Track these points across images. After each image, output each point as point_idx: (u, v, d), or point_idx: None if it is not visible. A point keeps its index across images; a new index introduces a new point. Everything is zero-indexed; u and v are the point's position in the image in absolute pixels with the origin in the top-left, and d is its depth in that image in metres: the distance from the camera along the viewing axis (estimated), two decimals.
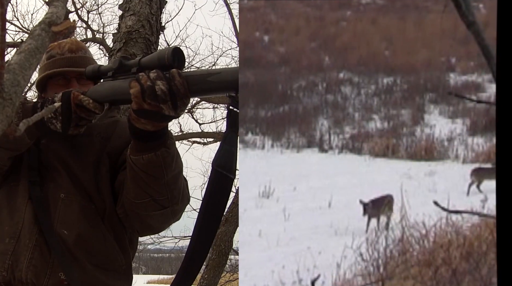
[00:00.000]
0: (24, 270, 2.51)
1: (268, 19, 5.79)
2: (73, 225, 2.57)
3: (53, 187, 2.63)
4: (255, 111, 5.06)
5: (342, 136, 4.79)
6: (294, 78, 5.35)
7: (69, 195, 2.61)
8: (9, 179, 2.67)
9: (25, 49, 1.27)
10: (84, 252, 2.56)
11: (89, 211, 2.62)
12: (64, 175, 2.64)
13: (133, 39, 4.77)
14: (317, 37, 5.72)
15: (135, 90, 2.21)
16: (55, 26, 1.35)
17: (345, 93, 5.29)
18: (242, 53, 5.60)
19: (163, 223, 2.68)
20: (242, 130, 4.83)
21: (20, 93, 1.19)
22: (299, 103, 5.17)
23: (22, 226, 2.55)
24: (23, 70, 1.22)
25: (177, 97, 2.19)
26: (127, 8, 4.98)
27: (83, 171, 2.66)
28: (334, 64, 5.49)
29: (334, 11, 5.84)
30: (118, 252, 2.66)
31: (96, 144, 2.71)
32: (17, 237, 2.55)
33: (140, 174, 2.40)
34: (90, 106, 2.44)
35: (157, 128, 2.31)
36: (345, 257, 3.05)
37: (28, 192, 2.62)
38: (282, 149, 4.66)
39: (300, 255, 3.13)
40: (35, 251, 2.52)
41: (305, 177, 4.12)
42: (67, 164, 2.66)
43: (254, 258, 3.17)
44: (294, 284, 2.96)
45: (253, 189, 3.88)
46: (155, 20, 5.01)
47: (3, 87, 1.14)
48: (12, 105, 1.15)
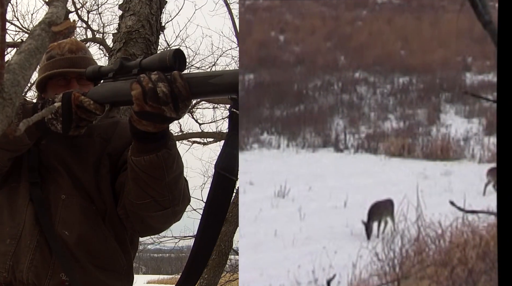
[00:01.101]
0: (25, 271, 2.51)
1: (284, 19, 5.79)
2: (74, 226, 2.57)
3: (53, 188, 2.62)
4: (271, 111, 5.06)
5: (357, 136, 4.79)
6: (309, 78, 5.35)
7: (70, 196, 2.60)
8: (9, 180, 2.66)
9: (25, 49, 1.27)
10: (85, 252, 2.55)
11: (90, 212, 2.61)
12: (65, 175, 2.63)
13: (133, 39, 4.78)
14: (332, 37, 5.72)
15: (136, 92, 2.19)
16: (55, 26, 1.35)
17: (361, 93, 5.29)
18: (257, 52, 5.60)
19: (164, 223, 2.69)
20: (257, 130, 4.83)
21: (20, 93, 1.18)
22: (315, 103, 5.17)
23: (23, 227, 2.55)
24: (23, 70, 1.22)
25: (179, 100, 2.18)
26: (127, 8, 4.99)
27: (83, 171, 2.64)
28: (349, 64, 5.48)
29: (350, 10, 5.83)
30: (119, 252, 2.66)
31: (97, 144, 2.70)
32: (18, 238, 2.55)
33: (141, 175, 2.40)
34: (91, 107, 2.43)
35: (158, 129, 2.31)
36: (360, 256, 3.05)
37: (28, 193, 2.62)
38: (298, 148, 4.66)
39: (315, 255, 3.13)
40: (36, 252, 2.52)
41: (321, 177, 4.11)
42: (68, 165, 2.65)
43: (270, 257, 3.17)
44: (310, 284, 2.96)
45: (269, 189, 3.88)
46: (155, 20, 5.01)
47: (3, 87, 1.14)
48: (12, 105, 1.15)
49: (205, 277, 8.29)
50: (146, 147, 2.35)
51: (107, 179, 2.65)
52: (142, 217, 2.56)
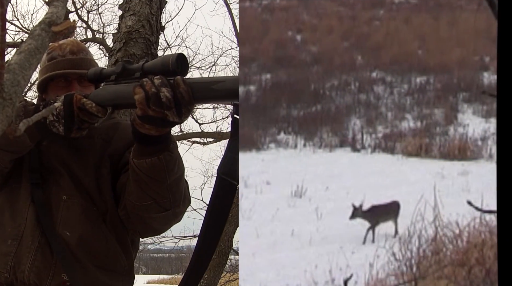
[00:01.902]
0: (26, 272, 2.52)
1: (301, 19, 5.79)
2: (75, 227, 2.58)
3: (55, 189, 2.63)
4: (288, 110, 5.06)
5: (374, 136, 4.78)
6: (326, 78, 5.34)
7: (71, 197, 2.62)
8: (10, 181, 2.67)
9: (25, 49, 1.27)
10: (86, 253, 2.57)
11: (91, 213, 2.62)
12: (66, 177, 2.65)
13: (133, 39, 4.79)
14: (349, 37, 5.71)
15: (139, 96, 2.20)
16: (55, 26, 1.35)
17: (378, 93, 5.28)
18: (274, 52, 5.61)
19: (165, 224, 2.70)
20: (274, 129, 4.83)
21: (20, 93, 1.18)
22: (332, 102, 5.17)
23: (25, 228, 2.56)
24: (23, 70, 1.22)
25: (182, 105, 2.19)
26: (127, 8, 5.00)
27: (84, 172, 2.66)
28: (366, 63, 5.47)
29: (367, 10, 5.82)
30: (120, 253, 2.66)
31: (97, 145, 2.71)
32: (19, 238, 2.56)
33: (143, 177, 2.40)
34: (93, 110, 2.44)
35: (160, 133, 2.32)
36: (378, 256, 3.04)
37: (30, 194, 2.62)
38: (315, 148, 4.66)
39: (332, 255, 3.13)
40: (37, 252, 2.53)
41: (338, 177, 4.11)
42: (69, 166, 2.66)
43: (287, 257, 3.17)
44: (327, 284, 2.96)
45: (286, 188, 3.88)
46: (155, 20, 5.02)
47: (3, 87, 1.14)
48: (12, 105, 1.15)
49: (205, 277, 8.29)
50: (148, 150, 2.37)
51: (107, 180, 2.67)
52: (143, 218, 2.57)
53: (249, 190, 3.93)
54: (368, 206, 3.39)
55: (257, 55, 5.50)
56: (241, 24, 5.58)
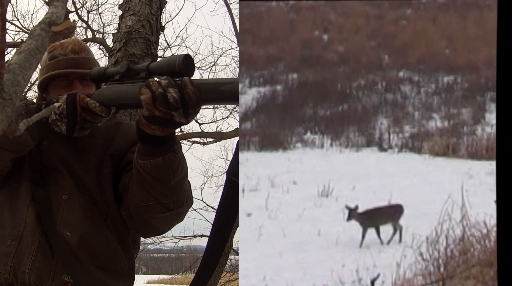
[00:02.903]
0: (27, 272, 2.50)
1: (327, 18, 5.78)
2: (76, 227, 2.57)
3: (55, 188, 2.62)
4: (314, 110, 5.05)
5: (401, 136, 4.76)
6: (353, 77, 5.33)
7: (72, 196, 2.61)
8: (10, 180, 2.65)
9: (25, 49, 1.27)
10: (87, 253, 2.56)
11: (92, 213, 2.62)
12: (67, 176, 2.63)
13: (133, 39, 4.79)
14: (376, 36, 5.69)
15: (146, 96, 2.20)
16: (55, 26, 1.35)
17: (405, 92, 5.26)
18: (300, 52, 5.60)
19: (168, 225, 2.70)
20: (301, 129, 4.83)
21: (20, 93, 1.19)
22: (358, 102, 5.15)
23: (24, 228, 2.54)
24: (23, 70, 1.22)
25: (189, 106, 2.18)
26: (127, 8, 5.01)
27: (85, 172, 2.65)
28: (393, 63, 5.45)
29: (394, 9, 5.80)
30: (121, 253, 2.66)
31: (99, 145, 2.70)
32: (19, 239, 2.54)
33: (147, 178, 2.40)
34: (97, 109, 2.44)
35: (166, 133, 2.31)
36: (405, 256, 3.04)
37: (30, 193, 2.60)
38: (341, 148, 4.65)
39: (359, 254, 3.13)
40: (38, 253, 2.52)
41: (365, 176, 4.10)
42: (70, 165, 2.65)
43: (313, 257, 3.17)
44: (354, 283, 2.96)
45: (312, 188, 3.88)
46: (155, 20, 5.02)
47: (3, 87, 1.14)
48: (12, 105, 1.15)
49: None
50: (152, 150, 2.37)
51: (109, 180, 2.67)
52: (146, 218, 2.57)
53: (275, 190, 3.94)
54: (364, 209, 3.35)
55: (284, 55, 5.50)
56: (266, 24, 5.57)
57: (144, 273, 45.88)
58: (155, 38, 5.03)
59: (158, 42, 5.22)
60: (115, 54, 4.83)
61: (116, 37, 4.97)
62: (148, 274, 43.26)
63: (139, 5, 4.99)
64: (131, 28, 4.86)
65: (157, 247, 18.87)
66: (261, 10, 5.59)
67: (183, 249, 22.84)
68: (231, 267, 12.48)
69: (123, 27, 4.91)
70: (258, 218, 3.56)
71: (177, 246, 13.72)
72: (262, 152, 4.63)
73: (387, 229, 3.33)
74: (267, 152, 4.62)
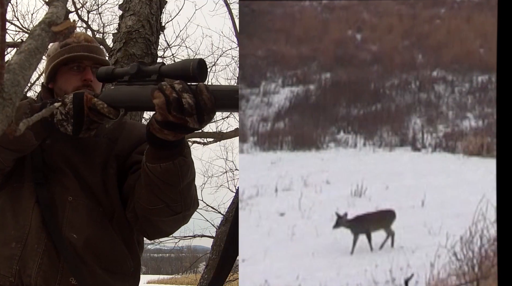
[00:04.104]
0: (33, 276, 2.49)
1: (361, 18, 5.75)
2: (81, 229, 2.56)
3: (59, 189, 2.61)
4: (347, 109, 5.04)
5: (435, 135, 4.73)
6: (386, 77, 5.31)
7: (77, 197, 2.60)
8: (11, 180, 2.63)
9: (25, 49, 1.27)
10: (93, 256, 2.56)
11: (97, 214, 2.62)
12: (71, 177, 2.62)
13: (133, 39, 4.81)
14: (410, 35, 5.66)
15: (160, 101, 2.18)
16: (55, 26, 1.35)
17: (439, 92, 5.22)
18: (334, 51, 5.59)
19: (174, 227, 2.71)
20: (334, 129, 4.83)
21: (20, 93, 1.19)
22: (392, 101, 5.13)
23: (29, 230, 2.53)
24: (23, 70, 1.22)
25: (204, 112, 2.17)
26: (127, 8, 5.02)
27: (90, 173, 2.65)
28: (427, 62, 5.42)
29: (428, 8, 5.76)
30: (126, 254, 2.65)
31: (103, 145, 2.71)
32: (24, 241, 2.52)
33: (156, 181, 2.39)
34: (104, 111, 2.42)
35: (177, 138, 2.31)
36: (438, 256, 3.02)
37: (33, 195, 2.58)
38: (375, 147, 4.63)
39: (393, 254, 3.12)
40: (44, 256, 2.51)
41: (398, 176, 4.08)
42: (74, 166, 2.64)
43: (347, 256, 3.17)
44: (387, 283, 2.95)
45: (345, 188, 3.87)
46: (155, 20, 5.03)
47: (3, 87, 1.14)
48: (12, 105, 1.15)
49: (205, 277, 8.30)
50: (162, 154, 2.36)
51: (114, 181, 2.68)
52: (153, 221, 2.57)
53: (308, 189, 3.94)
54: (353, 215, 3.29)
55: (317, 54, 5.49)
56: (300, 23, 5.56)
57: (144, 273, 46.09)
58: (155, 38, 5.06)
59: (158, 42, 5.24)
60: (115, 54, 4.86)
61: (116, 37, 5.00)
62: (148, 274, 43.38)
63: (139, 5, 5.01)
64: (131, 28, 4.89)
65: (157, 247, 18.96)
66: (294, 10, 5.58)
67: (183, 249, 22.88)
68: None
69: (123, 27, 4.94)
70: (291, 217, 3.56)
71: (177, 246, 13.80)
72: (295, 151, 4.63)
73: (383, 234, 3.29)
74: (300, 152, 4.62)
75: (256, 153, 4.59)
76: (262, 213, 3.58)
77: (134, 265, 2.69)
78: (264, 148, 4.63)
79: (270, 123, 4.87)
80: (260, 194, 3.86)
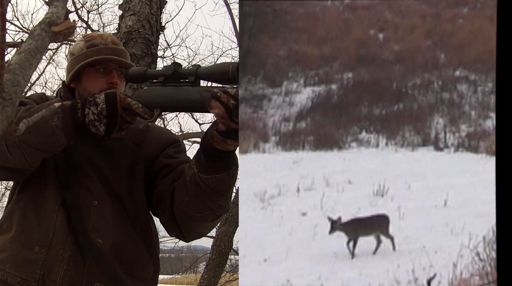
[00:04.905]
0: (58, 281, 2.45)
1: (383, 17, 5.75)
2: (107, 234, 2.52)
3: (83, 192, 2.55)
4: (369, 109, 5.04)
5: (458, 135, 4.71)
6: (409, 76, 5.29)
7: (102, 202, 2.56)
8: (32, 181, 2.57)
9: (25, 49, 1.27)
10: (117, 260, 2.52)
11: (122, 219, 2.58)
12: (96, 180, 2.58)
13: (133, 39, 4.80)
14: (433, 35, 5.64)
15: (220, 110, 2.16)
16: (55, 26, 1.36)
17: (461, 91, 5.20)
18: (356, 51, 5.59)
19: (211, 229, 2.71)
20: (356, 128, 4.82)
21: (20, 93, 1.18)
22: (414, 101, 5.12)
23: (54, 234, 2.48)
24: (23, 70, 1.22)
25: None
26: (127, 8, 5.01)
27: (116, 176, 2.61)
28: (450, 61, 5.40)
29: (451, 8, 5.74)
30: (148, 259, 2.62)
31: (128, 148, 2.66)
32: (48, 245, 2.47)
33: (207, 191, 2.36)
34: (139, 111, 2.40)
35: (236, 147, 2.30)
36: (461, 256, 3.02)
37: (58, 197, 2.53)
38: (397, 147, 4.62)
39: (415, 254, 3.11)
40: (70, 261, 2.46)
41: (420, 176, 4.08)
42: (99, 168, 2.60)
43: (369, 256, 3.17)
44: (410, 283, 2.94)
45: (367, 188, 3.87)
46: (155, 20, 5.02)
47: (3, 87, 1.14)
48: (12, 105, 1.15)
49: (205, 277, 8.27)
50: (218, 165, 2.33)
51: (141, 185, 2.63)
52: (194, 226, 2.55)
53: (330, 189, 3.94)
54: (348, 219, 3.24)
55: (339, 54, 5.49)
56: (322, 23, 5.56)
57: None
58: (155, 38, 5.06)
59: (158, 42, 5.24)
60: None
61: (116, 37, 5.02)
62: None
63: (139, 5, 5.01)
64: (131, 28, 4.89)
65: None
66: (316, 10, 5.58)
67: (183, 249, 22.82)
68: (231, 267, 12.47)
69: (123, 27, 4.95)
70: (313, 217, 3.56)
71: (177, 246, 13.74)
72: (317, 151, 4.63)
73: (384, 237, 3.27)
74: (322, 151, 4.62)
75: (278, 153, 4.59)
76: (284, 213, 3.59)
77: (154, 268, 2.67)
78: (286, 148, 4.63)
79: (292, 123, 4.87)
80: (282, 193, 3.86)
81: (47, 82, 17.37)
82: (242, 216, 3.40)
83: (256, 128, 4.73)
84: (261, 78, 5.25)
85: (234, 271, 12.25)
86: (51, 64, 13.81)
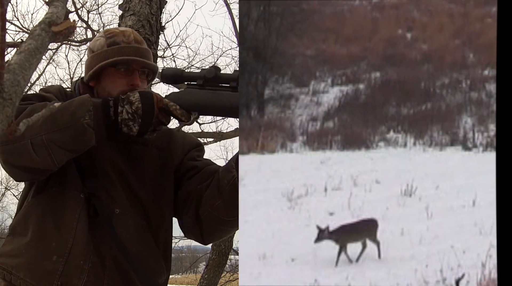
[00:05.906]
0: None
1: (411, 17, 5.72)
2: (128, 245, 2.46)
3: (105, 199, 2.48)
4: (397, 109, 5.02)
5: (486, 134, 4.69)
6: (437, 76, 5.27)
7: (124, 210, 2.50)
8: (50, 183, 2.49)
9: (25, 49, 1.27)
10: (136, 271, 2.47)
11: (143, 229, 2.52)
12: (119, 187, 2.51)
13: None
14: (461, 34, 5.61)
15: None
16: (55, 26, 1.35)
17: (490, 91, 5.17)
18: (384, 50, 5.57)
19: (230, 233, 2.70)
20: (384, 128, 4.81)
21: (20, 93, 1.18)
22: (442, 101, 5.09)
23: (73, 244, 2.40)
24: (23, 70, 1.22)
25: None
26: (127, 8, 5.02)
27: (141, 184, 2.55)
28: (478, 61, 5.36)
29: (479, 7, 5.70)
30: (163, 268, 2.56)
31: (153, 155, 2.61)
32: (67, 255, 2.39)
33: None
34: (177, 112, 2.36)
35: None
36: (490, 256, 3.00)
37: (78, 205, 2.45)
38: (425, 147, 4.61)
39: (443, 254, 3.10)
40: (90, 273, 2.40)
41: (448, 175, 4.06)
42: (124, 175, 2.53)
43: (397, 256, 3.16)
44: (438, 283, 2.93)
45: (395, 187, 3.86)
46: (155, 20, 5.02)
47: (3, 87, 1.14)
48: (12, 105, 1.14)
49: (205, 277, 8.25)
50: None
51: (170, 195, 2.60)
52: (220, 230, 2.54)
53: (358, 189, 3.93)
54: (336, 226, 3.16)
55: (367, 53, 5.47)
56: (349, 23, 5.56)
57: None
58: (155, 38, 5.07)
59: (158, 42, 5.25)
60: None
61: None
62: None
63: (139, 5, 5.02)
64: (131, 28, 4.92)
65: None
66: (343, 9, 5.57)
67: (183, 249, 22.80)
68: (231, 267, 12.44)
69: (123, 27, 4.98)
70: (340, 217, 3.56)
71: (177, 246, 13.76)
72: (344, 150, 4.63)
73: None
74: (349, 151, 4.61)
75: (306, 152, 4.59)
76: (311, 212, 3.59)
77: (167, 276, 2.64)
78: (314, 147, 4.63)
79: (320, 122, 4.87)
80: (310, 193, 3.86)
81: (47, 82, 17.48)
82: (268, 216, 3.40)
83: (283, 128, 4.73)
84: (288, 78, 5.25)
85: (234, 271, 12.26)
86: (51, 64, 13.89)
